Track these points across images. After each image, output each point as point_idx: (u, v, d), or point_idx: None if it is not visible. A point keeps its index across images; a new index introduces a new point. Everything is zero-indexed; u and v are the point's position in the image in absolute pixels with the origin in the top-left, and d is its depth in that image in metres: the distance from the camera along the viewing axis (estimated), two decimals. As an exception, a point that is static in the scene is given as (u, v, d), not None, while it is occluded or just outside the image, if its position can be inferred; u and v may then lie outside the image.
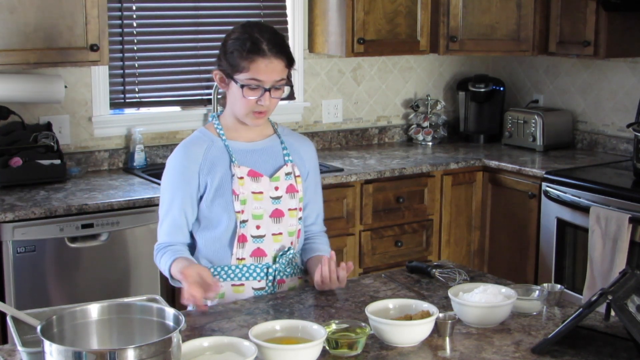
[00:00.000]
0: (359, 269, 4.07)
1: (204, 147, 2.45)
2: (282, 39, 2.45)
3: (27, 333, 1.91)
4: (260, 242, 2.46)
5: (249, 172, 2.45)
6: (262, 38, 2.37)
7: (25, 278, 3.24)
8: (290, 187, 2.51)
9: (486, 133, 4.89)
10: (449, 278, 2.51)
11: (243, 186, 2.43)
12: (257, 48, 2.36)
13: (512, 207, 4.24)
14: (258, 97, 2.38)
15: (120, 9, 3.99)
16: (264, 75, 2.37)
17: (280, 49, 2.40)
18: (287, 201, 2.49)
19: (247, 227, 2.44)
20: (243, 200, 2.42)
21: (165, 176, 2.49)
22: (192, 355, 1.85)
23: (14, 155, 3.60)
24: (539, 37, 4.35)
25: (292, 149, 2.56)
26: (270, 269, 2.47)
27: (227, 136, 2.49)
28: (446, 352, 2.03)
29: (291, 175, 2.52)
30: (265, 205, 2.46)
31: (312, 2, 4.47)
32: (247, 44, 2.36)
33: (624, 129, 4.38)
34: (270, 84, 2.39)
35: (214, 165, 2.44)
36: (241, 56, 2.36)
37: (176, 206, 2.44)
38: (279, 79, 2.40)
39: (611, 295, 1.93)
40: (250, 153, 2.49)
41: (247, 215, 2.43)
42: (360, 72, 4.74)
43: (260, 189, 2.45)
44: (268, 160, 2.51)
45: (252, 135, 2.52)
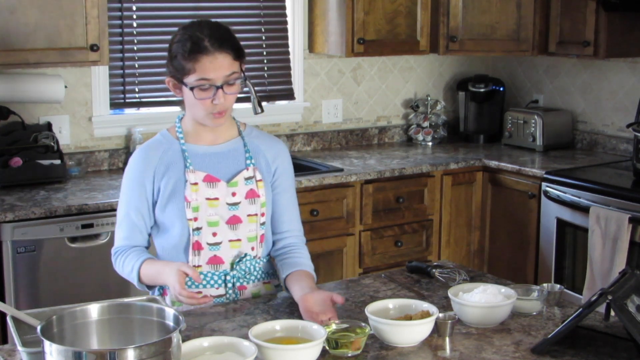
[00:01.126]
0: (359, 269, 4.07)
1: (160, 151, 2.39)
2: (225, 32, 2.32)
3: (27, 333, 1.91)
4: (217, 250, 2.38)
5: (205, 177, 2.37)
6: (202, 35, 2.27)
7: (25, 278, 3.24)
8: (250, 192, 2.40)
9: (486, 133, 4.89)
10: (449, 278, 2.51)
11: (197, 192, 2.35)
12: (198, 46, 2.26)
13: (512, 207, 4.24)
14: (212, 97, 2.28)
15: (120, 9, 3.99)
16: (212, 73, 2.26)
17: (222, 43, 2.28)
18: (245, 207, 2.39)
19: (202, 234, 2.36)
20: (195, 208, 2.34)
21: (124, 179, 2.43)
22: (192, 355, 1.85)
23: (14, 155, 3.60)
24: (539, 37, 4.36)
25: (256, 152, 2.45)
26: (228, 276, 2.40)
27: (186, 139, 2.41)
28: (446, 352, 2.03)
29: (252, 180, 2.41)
30: (221, 212, 2.37)
31: (312, 2, 4.47)
32: (187, 45, 2.27)
33: (624, 129, 4.38)
34: (221, 81, 2.28)
35: (168, 170, 2.37)
36: (184, 58, 2.27)
37: (133, 209, 2.39)
38: (229, 74, 2.29)
39: (611, 295, 1.93)
40: (209, 157, 2.40)
41: (201, 223, 2.35)
42: (360, 72, 4.74)
43: (216, 195, 2.36)
44: (227, 164, 2.41)
45: (213, 138, 2.42)
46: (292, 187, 2.52)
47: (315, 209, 3.88)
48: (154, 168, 2.38)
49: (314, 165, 4.17)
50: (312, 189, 3.86)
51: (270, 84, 4.46)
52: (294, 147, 4.55)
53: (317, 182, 3.86)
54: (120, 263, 2.40)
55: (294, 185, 2.54)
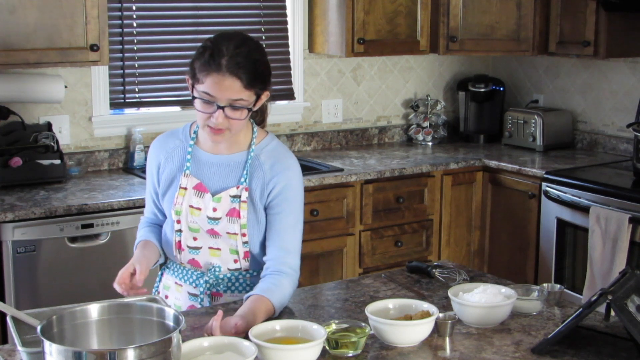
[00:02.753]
0: (359, 269, 4.07)
1: (174, 144, 2.44)
2: (247, 57, 2.21)
3: (27, 333, 1.91)
4: (196, 254, 2.38)
5: (196, 185, 2.35)
6: (225, 52, 2.19)
7: (25, 278, 3.24)
8: (232, 210, 2.32)
9: (486, 133, 4.89)
10: (449, 278, 2.51)
11: (183, 197, 2.35)
12: (214, 62, 2.19)
13: (512, 207, 4.24)
14: (210, 113, 2.22)
15: (120, 9, 3.99)
16: (216, 92, 2.19)
17: (237, 68, 2.18)
18: (225, 224, 2.33)
19: (182, 236, 2.38)
20: (178, 211, 2.36)
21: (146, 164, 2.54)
22: (192, 355, 1.85)
23: (14, 155, 3.60)
24: (539, 37, 4.36)
25: (257, 171, 2.33)
26: (201, 279, 2.37)
27: (196, 142, 2.40)
28: (446, 352, 2.03)
29: (237, 200, 2.32)
30: (200, 222, 2.35)
31: (312, 2, 4.47)
32: (206, 55, 2.21)
33: (624, 129, 4.38)
34: (224, 102, 2.20)
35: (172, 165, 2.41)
36: (199, 67, 2.22)
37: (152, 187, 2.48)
38: (235, 99, 2.20)
39: (611, 295, 1.93)
40: (209, 165, 2.37)
41: (182, 226, 2.37)
42: (360, 72, 4.74)
43: (200, 205, 2.34)
44: (221, 177, 2.35)
45: (219, 148, 2.37)
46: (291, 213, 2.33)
47: (315, 209, 3.88)
48: (164, 157, 2.43)
49: (314, 165, 4.17)
50: (312, 189, 3.86)
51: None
52: (294, 147, 4.55)
53: (317, 182, 3.86)
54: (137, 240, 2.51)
55: (294, 212, 2.34)
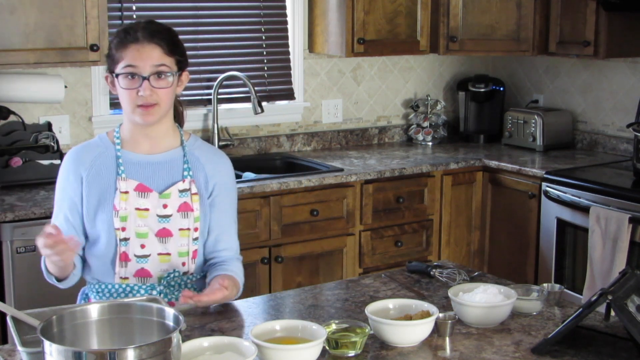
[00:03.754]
0: (359, 269, 4.07)
1: (94, 154, 2.35)
2: (160, 28, 2.32)
3: (27, 333, 1.91)
4: (145, 262, 2.32)
5: (137, 186, 2.31)
6: (137, 27, 2.28)
7: (25, 278, 3.24)
8: (183, 205, 2.33)
9: (486, 133, 4.89)
10: (449, 278, 2.51)
11: (126, 201, 2.29)
12: (129, 35, 2.26)
13: (512, 207, 4.24)
14: (137, 87, 2.24)
15: (120, 9, 3.99)
16: (138, 61, 2.24)
17: (153, 35, 2.27)
18: (177, 220, 2.32)
19: (129, 245, 2.30)
20: (123, 217, 2.29)
21: (57, 180, 2.39)
22: (192, 355, 1.85)
23: (14, 155, 3.60)
24: (539, 37, 4.36)
25: (196, 164, 2.38)
26: (155, 290, 2.33)
27: (123, 146, 2.35)
28: (446, 352, 2.03)
29: (187, 193, 2.34)
30: (150, 224, 2.31)
31: (312, 2, 4.47)
32: (120, 35, 2.29)
33: (624, 129, 4.38)
34: (148, 72, 2.25)
35: (99, 175, 2.32)
36: (116, 48, 2.28)
37: (62, 214, 2.34)
38: (157, 64, 2.26)
39: (611, 295, 1.93)
40: (144, 166, 2.34)
41: (129, 233, 2.30)
42: (360, 72, 4.74)
43: (147, 206, 2.30)
44: (163, 174, 2.34)
45: (151, 147, 2.36)
46: (232, 205, 2.44)
47: (315, 209, 3.88)
48: (86, 171, 2.33)
49: (314, 165, 4.17)
50: (312, 189, 3.86)
51: (270, 84, 4.46)
52: (294, 147, 4.55)
53: (317, 182, 3.86)
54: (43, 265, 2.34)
55: (234, 203, 2.46)
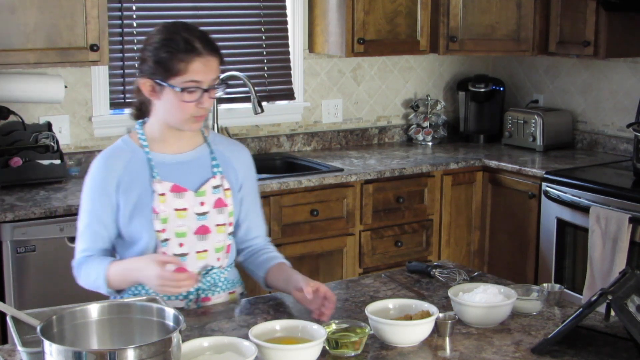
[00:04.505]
0: (359, 269, 4.07)
1: (124, 160, 2.30)
2: (211, 37, 2.28)
3: (27, 333, 1.91)
4: (184, 261, 2.29)
5: (172, 187, 2.29)
6: (193, 36, 2.21)
7: (25, 278, 3.24)
8: (218, 201, 2.34)
9: (486, 133, 4.89)
10: (449, 278, 2.51)
11: (164, 203, 2.27)
12: (192, 47, 2.18)
13: (512, 207, 4.24)
14: (197, 100, 2.21)
15: (120, 9, 3.99)
16: (202, 76, 2.20)
17: (213, 46, 2.23)
18: (214, 217, 2.33)
19: (169, 245, 2.29)
20: (164, 219, 2.27)
21: (85, 188, 2.33)
22: (192, 355, 1.85)
23: (14, 155, 3.60)
24: (539, 37, 4.36)
25: (222, 159, 2.39)
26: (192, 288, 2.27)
27: (151, 147, 2.32)
28: (446, 352, 2.03)
29: (220, 189, 2.34)
30: (189, 223, 2.30)
31: (312, 2, 4.47)
32: (180, 45, 2.19)
33: (624, 129, 4.38)
34: (207, 84, 2.22)
35: (133, 180, 2.28)
36: (176, 58, 2.18)
37: (95, 220, 2.30)
38: (215, 78, 2.24)
39: (611, 295, 1.93)
40: (176, 166, 2.32)
41: (169, 234, 2.28)
42: (360, 72, 4.74)
43: (184, 205, 2.29)
44: (194, 173, 2.34)
45: (180, 146, 2.35)
46: (257, 192, 2.48)
47: (315, 209, 3.88)
48: (118, 177, 2.29)
49: (314, 165, 4.17)
50: (312, 189, 3.86)
51: (270, 84, 4.46)
52: (294, 147, 4.55)
53: (317, 182, 3.86)
54: (85, 273, 2.29)
55: (258, 190, 2.50)
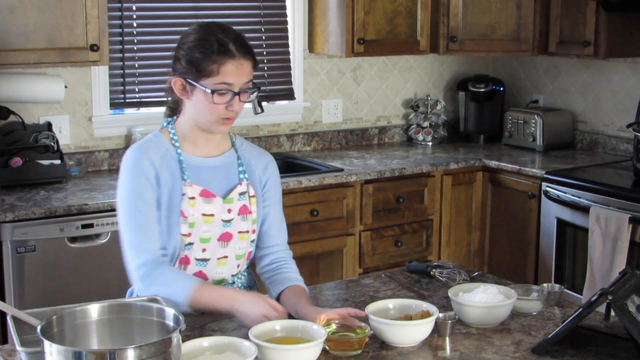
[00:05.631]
0: (359, 269, 4.07)
1: (160, 154, 2.24)
2: (246, 40, 2.24)
3: (27, 333, 1.90)
4: (204, 266, 2.28)
5: (201, 191, 2.24)
6: (228, 38, 2.17)
7: (25, 278, 3.24)
8: (243, 208, 2.30)
9: (486, 133, 4.89)
10: (449, 278, 2.51)
11: (194, 207, 2.22)
12: (225, 49, 2.16)
13: (512, 207, 4.24)
14: (228, 102, 2.18)
15: (120, 9, 3.99)
16: (234, 78, 2.17)
17: (247, 49, 2.20)
18: (238, 224, 2.30)
19: (192, 250, 2.25)
20: (191, 223, 2.22)
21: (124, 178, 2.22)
22: (192, 355, 1.85)
23: (14, 155, 3.60)
24: (539, 37, 4.36)
25: (248, 166, 2.36)
26: None
27: (182, 147, 2.28)
28: (446, 352, 2.03)
29: (245, 196, 2.31)
30: (214, 229, 2.26)
31: (312, 2, 4.47)
32: (213, 46, 2.16)
33: (624, 129, 4.38)
34: (239, 87, 2.19)
35: (166, 177, 2.23)
36: (209, 59, 2.15)
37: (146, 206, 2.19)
38: (247, 81, 2.20)
39: (611, 295, 1.93)
40: (205, 170, 2.28)
41: (193, 238, 2.24)
42: (360, 72, 4.74)
43: (212, 211, 2.25)
44: (222, 178, 2.30)
45: (209, 149, 2.31)
46: (280, 201, 2.43)
47: (315, 209, 3.88)
48: (156, 169, 2.22)
49: (314, 165, 4.17)
50: (312, 189, 3.86)
51: (270, 84, 4.46)
52: (294, 147, 4.55)
53: (317, 182, 3.86)
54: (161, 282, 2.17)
55: (281, 198, 2.44)
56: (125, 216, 2.24)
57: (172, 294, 2.16)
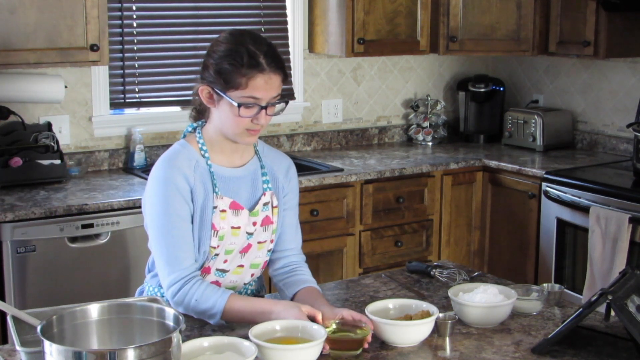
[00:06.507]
0: (359, 269, 4.07)
1: (191, 167, 2.19)
2: (278, 51, 2.19)
3: (27, 333, 1.91)
4: (222, 277, 2.26)
5: (231, 204, 2.21)
6: (259, 51, 2.11)
7: (25, 278, 3.24)
8: (265, 219, 2.27)
9: (486, 133, 4.89)
10: (449, 278, 2.51)
11: (224, 220, 2.20)
12: (256, 62, 2.10)
13: (512, 207, 4.24)
14: (254, 116, 2.14)
15: (120, 9, 3.99)
16: (262, 93, 2.12)
17: (278, 64, 2.14)
18: (259, 234, 2.27)
19: (215, 260, 2.23)
20: (221, 237, 2.20)
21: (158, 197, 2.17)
22: (192, 355, 1.85)
23: (14, 155, 3.60)
24: (539, 37, 4.36)
25: (271, 173, 2.32)
26: None
27: (211, 158, 2.23)
28: (446, 352, 2.03)
29: (268, 206, 2.28)
30: (239, 241, 2.24)
31: (312, 2, 4.47)
32: (244, 58, 2.10)
33: (624, 129, 4.38)
34: (267, 102, 2.14)
35: (199, 191, 2.19)
36: (238, 72, 2.10)
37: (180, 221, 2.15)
38: (276, 95, 2.16)
39: (611, 295, 1.93)
40: (232, 180, 2.24)
41: (220, 250, 2.22)
42: (360, 72, 4.74)
43: (239, 224, 2.22)
44: (248, 190, 2.27)
45: (234, 159, 2.27)
46: (297, 205, 2.40)
47: (315, 209, 3.88)
48: (190, 184, 2.17)
49: (314, 165, 4.17)
50: (312, 189, 3.86)
51: (270, 84, 4.45)
52: (294, 147, 4.55)
53: (317, 182, 3.86)
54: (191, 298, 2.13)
55: (298, 203, 2.41)
56: (158, 233, 2.19)
57: (206, 309, 2.13)
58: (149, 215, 2.21)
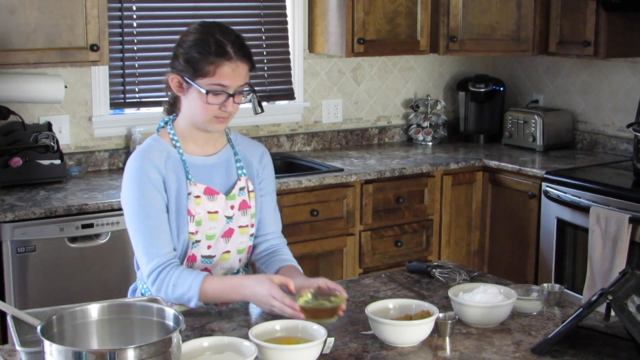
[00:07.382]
0: (359, 269, 4.07)
1: (163, 159, 2.26)
2: (245, 42, 2.26)
3: (27, 333, 1.91)
4: (209, 263, 2.32)
5: (205, 189, 2.28)
6: (227, 40, 2.20)
7: (25, 278, 3.25)
8: (243, 203, 2.35)
9: (486, 133, 4.89)
10: (449, 278, 2.51)
11: (199, 206, 2.27)
12: (223, 51, 2.18)
13: (512, 207, 4.24)
14: (221, 103, 2.21)
15: (120, 9, 3.99)
16: (229, 80, 2.20)
17: (245, 52, 2.23)
18: (238, 218, 2.34)
19: (199, 247, 2.29)
20: (198, 221, 2.27)
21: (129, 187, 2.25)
22: (192, 355, 1.85)
23: (14, 155, 3.60)
24: (539, 37, 4.36)
25: (245, 160, 2.40)
26: None
27: (183, 148, 2.31)
28: (446, 352, 2.03)
29: (244, 191, 2.36)
30: (218, 225, 2.30)
31: (312, 2, 4.47)
32: (211, 47, 2.18)
33: (624, 129, 4.38)
34: (234, 89, 2.22)
35: (172, 180, 2.26)
36: (206, 60, 2.18)
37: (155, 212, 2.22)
38: (242, 84, 2.24)
39: (611, 295, 1.93)
40: (206, 168, 2.32)
41: (200, 236, 2.28)
42: (360, 72, 4.74)
43: (216, 208, 2.29)
44: (223, 175, 2.34)
45: (208, 147, 2.34)
46: (274, 190, 2.48)
47: (315, 209, 3.88)
48: (163, 175, 2.25)
49: (314, 165, 4.17)
50: (312, 189, 3.86)
51: (270, 84, 4.46)
52: (294, 147, 4.55)
53: (317, 182, 3.86)
54: (169, 283, 2.20)
55: (275, 188, 2.50)
56: (134, 223, 2.26)
57: (183, 292, 2.19)
58: (125, 209, 2.28)
